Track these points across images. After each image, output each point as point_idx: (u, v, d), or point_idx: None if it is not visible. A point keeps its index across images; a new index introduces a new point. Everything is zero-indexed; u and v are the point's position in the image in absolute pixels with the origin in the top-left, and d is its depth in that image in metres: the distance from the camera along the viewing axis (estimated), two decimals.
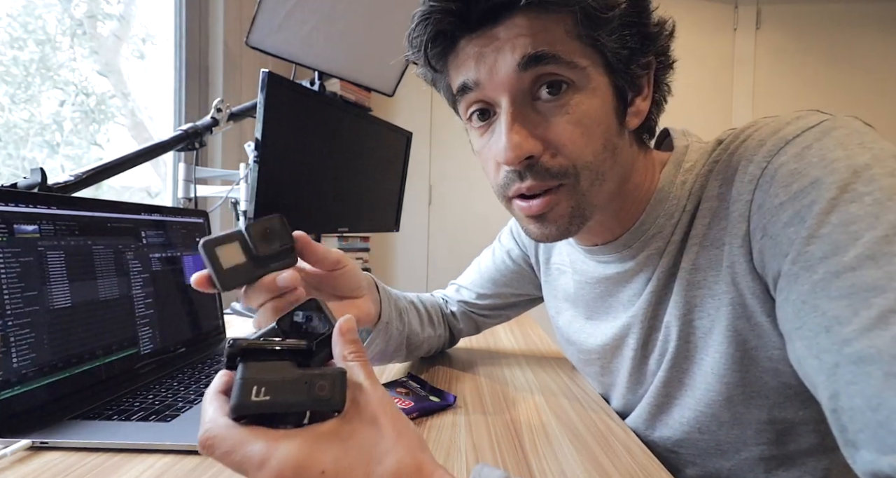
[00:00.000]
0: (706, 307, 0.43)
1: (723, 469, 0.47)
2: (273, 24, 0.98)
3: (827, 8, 2.27)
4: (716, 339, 0.43)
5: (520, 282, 0.71)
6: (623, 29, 0.39)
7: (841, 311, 0.30)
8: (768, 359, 0.41)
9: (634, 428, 0.52)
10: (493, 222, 2.31)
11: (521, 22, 0.38)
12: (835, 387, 0.30)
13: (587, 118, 0.39)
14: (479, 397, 0.57)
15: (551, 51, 0.37)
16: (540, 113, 0.40)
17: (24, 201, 0.47)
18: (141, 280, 0.60)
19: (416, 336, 0.63)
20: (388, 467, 0.26)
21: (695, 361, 0.45)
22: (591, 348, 0.56)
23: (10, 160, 1.00)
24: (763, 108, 2.29)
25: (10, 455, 0.38)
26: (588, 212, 0.42)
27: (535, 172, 0.40)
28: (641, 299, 0.48)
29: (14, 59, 1.01)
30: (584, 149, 0.40)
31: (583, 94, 0.39)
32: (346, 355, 0.30)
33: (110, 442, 0.40)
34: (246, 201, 1.05)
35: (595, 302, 0.55)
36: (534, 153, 0.39)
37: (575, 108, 0.39)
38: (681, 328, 0.45)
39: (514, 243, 0.71)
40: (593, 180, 0.41)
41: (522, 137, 0.39)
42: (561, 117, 0.39)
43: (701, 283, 0.43)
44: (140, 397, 0.50)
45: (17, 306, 0.43)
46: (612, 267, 0.51)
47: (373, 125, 1.26)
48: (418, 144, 2.22)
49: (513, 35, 0.38)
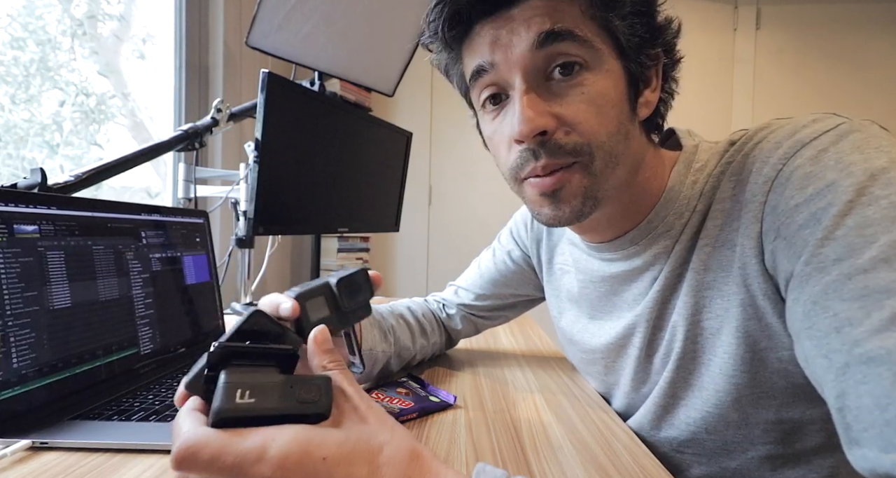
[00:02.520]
0: (715, 308, 0.43)
1: (728, 469, 0.47)
2: (273, 24, 0.98)
3: (827, 8, 2.27)
4: (724, 340, 0.42)
5: (520, 283, 0.71)
6: (633, 17, 0.40)
7: (853, 312, 0.30)
8: (778, 360, 0.41)
9: (639, 428, 0.52)
10: (492, 222, 2.30)
11: (537, 3, 0.38)
12: (843, 386, 0.30)
13: (601, 98, 0.40)
14: (479, 397, 0.57)
15: (567, 27, 0.38)
16: (553, 92, 0.40)
17: (24, 201, 0.47)
18: (141, 280, 0.60)
19: (407, 351, 0.64)
20: (390, 454, 0.26)
21: (702, 361, 0.45)
22: (595, 348, 0.56)
23: (10, 160, 1.00)
24: (763, 108, 2.29)
25: (10, 455, 0.38)
26: (600, 194, 0.42)
27: (548, 149, 0.40)
28: (647, 298, 0.48)
29: (14, 59, 1.01)
30: (599, 128, 0.40)
31: (596, 75, 0.40)
32: (326, 365, 0.30)
33: (110, 442, 0.40)
34: (246, 202, 1.05)
35: (599, 301, 0.55)
36: (547, 128, 0.39)
37: (589, 87, 0.39)
38: (688, 329, 0.45)
39: (515, 244, 0.71)
40: (607, 162, 0.41)
41: (536, 112, 0.39)
42: (575, 96, 0.39)
43: (711, 283, 0.43)
44: (140, 397, 0.50)
45: (17, 306, 0.43)
46: (617, 265, 0.51)
47: (373, 125, 1.26)
48: (418, 144, 2.22)
49: (528, 15, 0.38)
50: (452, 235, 2.32)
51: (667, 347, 0.48)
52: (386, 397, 0.52)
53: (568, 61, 0.39)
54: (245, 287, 1.16)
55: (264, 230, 0.95)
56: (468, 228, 2.30)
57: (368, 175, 1.27)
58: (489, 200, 2.28)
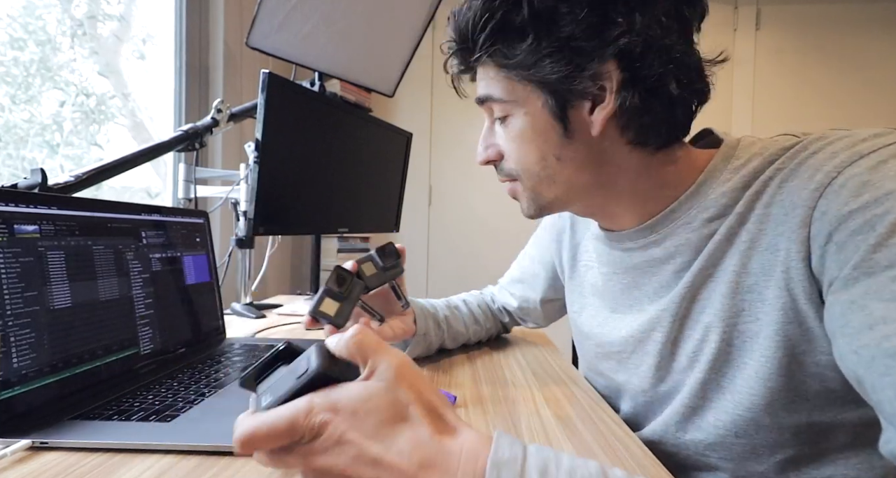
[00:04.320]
0: (755, 311, 0.43)
1: (754, 473, 0.46)
2: (273, 24, 0.98)
3: (827, 8, 2.28)
4: (762, 343, 0.43)
5: (544, 286, 0.75)
6: (541, 60, 0.44)
7: (888, 312, 0.31)
8: (815, 364, 0.41)
9: (664, 430, 0.51)
10: (493, 222, 2.31)
11: (479, 72, 0.51)
12: (871, 379, 0.32)
13: (521, 136, 0.49)
14: (479, 397, 0.57)
15: (487, 93, 0.50)
16: (497, 131, 0.52)
17: (24, 201, 0.47)
18: (141, 280, 0.60)
19: (461, 335, 0.75)
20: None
21: (737, 364, 0.45)
22: (612, 341, 0.57)
23: (11, 160, 1.00)
24: (763, 108, 2.29)
25: (10, 455, 0.38)
26: (545, 203, 0.52)
27: (498, 169, 0.54)
28: (673, 293, 0.49)
29: (14, 59, 1.01)
30: (524, 158, 0.50)
31: (517, 118, 0.49)
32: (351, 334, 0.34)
33: (110, 442, 0.40)
34: (246, 202, 1.05)
35: (622, 294, 0.56)
36: (490, 159, 0.53)
37: (512, 128, 0.50)
38: (724, 331, 0.45)
39: (537, 248, 0.77)
40: (536, 182, 0.50)
41: (484, 146, 0.53)
42: (506, 135, 0.51)
43: (752, 287, 0.43)
44: (140, 397, 0.50)
45: (17, 306, 0.43)
46: (637, 255, 0.52)
47: (373, 126, 1.26)
48: (418, 144, 2.22)
49: (478, 80, 0.51)
50: (452, 235, 2.32)
51: (696, 346, 0.48)
52: None
53: (498, 116, 0.50)
54: (245, 287, 1.16)
55: (264, 230, 0.95)
56: (468, 228, 2.30)
57: (368, 175, 1.27)
58: (489, 200, 2.28)
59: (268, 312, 1.08)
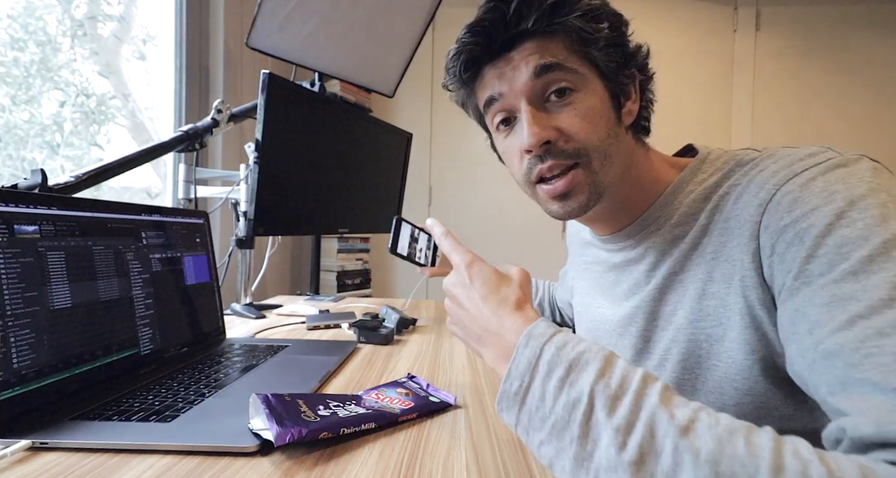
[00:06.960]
0: (719, 316, 0.47)
1: None
2: (273, 25, 0.98)
3: (827, 9, 2.28)
4: (728, 346, 0.46)
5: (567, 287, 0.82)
6: (608, 48, 0.48)
7: (821, 316, 0.35)
8: (774, 368, 0.44)
9: None
10: (492, 222, 2.31)
11: (530, 45, 0.48)
12: (812, 379, 0.35)
13: (590, 111, 0.48)
14: (479, 397, 0.57)
15: (556, 60, 0.48)
16: (551, 112, 0.49)
17: (24, 202, 0.47)
18: (141, 281, 0.60)
19: None
20: None
21: (706, 366, 0.48)
22: (600, 335, 0.62)
23: (11, 161, 1.00)
24: (762, 108, 2.29)
25: (10, 455, 0.38)
26: (602, 189, 0.50)
27: (553, 153, 0.49)
28: (644, 293, 0.54)
29: (15, 60, 1.01)
30: (592, 135, 0.48)
31: (584, 94, 0.48)
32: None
33: (110, 442, 0.40)
34: (246, 202, 1.05)
35: (610, 289, 0.61)
36: (550, 139, 0.48)
37: (580, 104, 0.48)
38: (692, 332, 0.49)
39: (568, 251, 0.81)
40: (602, 160, 0.49)
41: (540, 127, 0.48)
42: (569, 112, 0.48)
43: (716, 294, 0.47)
44: (140, 397, 0.50)
45: (17, 307, 0.44)
46: (617, 255, 0.58)
47: (373, 126, 1.26)
48: (418, 144, 2.22)
49: (525, 54, 0.48)
50: None
51: (667, 346, 0.52)
52: (386, 397, 0.52)
53: (559, 87, 0.48)
54: (245, 287, 1.16)
55: (264, 231, 0.95)
56: (468, 228, 2.30)
57: (368, 176, 1.27)
58: (489, 200, 2.28)
59: (268, 313, 1.08)
